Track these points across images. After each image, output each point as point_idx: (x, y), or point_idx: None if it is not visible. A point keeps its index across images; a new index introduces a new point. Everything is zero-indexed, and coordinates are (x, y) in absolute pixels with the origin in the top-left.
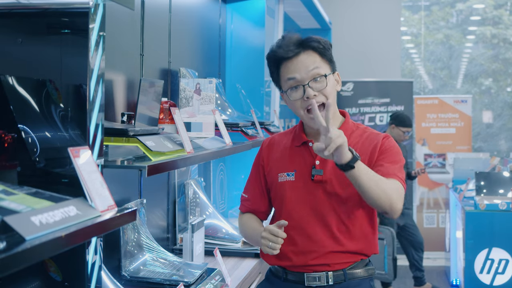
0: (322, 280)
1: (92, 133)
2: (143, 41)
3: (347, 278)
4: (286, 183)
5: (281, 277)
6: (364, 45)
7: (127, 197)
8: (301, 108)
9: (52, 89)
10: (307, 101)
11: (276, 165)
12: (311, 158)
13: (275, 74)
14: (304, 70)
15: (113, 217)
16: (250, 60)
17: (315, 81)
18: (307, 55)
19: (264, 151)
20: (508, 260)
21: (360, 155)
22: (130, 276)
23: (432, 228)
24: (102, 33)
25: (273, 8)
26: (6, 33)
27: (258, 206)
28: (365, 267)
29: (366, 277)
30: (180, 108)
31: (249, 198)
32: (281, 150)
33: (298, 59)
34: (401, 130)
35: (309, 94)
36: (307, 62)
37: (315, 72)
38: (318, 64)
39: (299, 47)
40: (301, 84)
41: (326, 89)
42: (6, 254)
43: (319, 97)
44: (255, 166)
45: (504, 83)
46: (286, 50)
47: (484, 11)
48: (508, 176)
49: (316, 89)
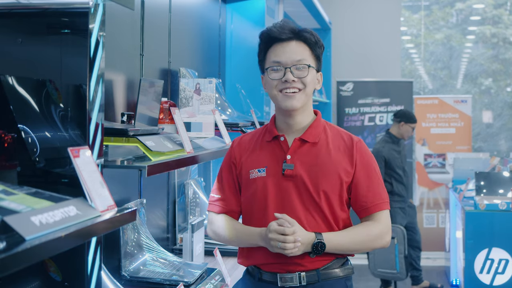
0: (295, 280)
1: (92, 133)
2: (143, 41)
3: (320, 279)
4: (258, 179)
5: (255, 277)
6: (364, 45)
7: (127, 197)
8: (275, 88)
9: (52, 89)
10: (284, 83)
11: (247, 162)
12: (282, 152)
13: (262, 53)
14: (289, 55)
15: (113, 217)
16: (250, 60)
17: (297, 68)
18: (297, 44)
19: (235, 149)
20: (508, 260)
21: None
22: (130, 276)
23: (432, 228)
24: (102, 33)
25: (273, 8)
26: (6, 33)
27: (232, 206)
28: (341, 266)
29: (342, 277)
30: (180, 108)
31: (223, 198)
32: (252, 147)
33: (288, 44)
34: (410, 127)
35: (288, 77)
36: (296, 49)
37: (300, 60)
38: (305, 55)
39: (293, 33)
40: (283, 67)
41: (306, 78)
42: (6, 254)
43: (297, 83)
44: (226, 166)
45: (504, 83)
46: (281, 31)
47: (484, 11)
48: (508, 176)
49: (296, 76)
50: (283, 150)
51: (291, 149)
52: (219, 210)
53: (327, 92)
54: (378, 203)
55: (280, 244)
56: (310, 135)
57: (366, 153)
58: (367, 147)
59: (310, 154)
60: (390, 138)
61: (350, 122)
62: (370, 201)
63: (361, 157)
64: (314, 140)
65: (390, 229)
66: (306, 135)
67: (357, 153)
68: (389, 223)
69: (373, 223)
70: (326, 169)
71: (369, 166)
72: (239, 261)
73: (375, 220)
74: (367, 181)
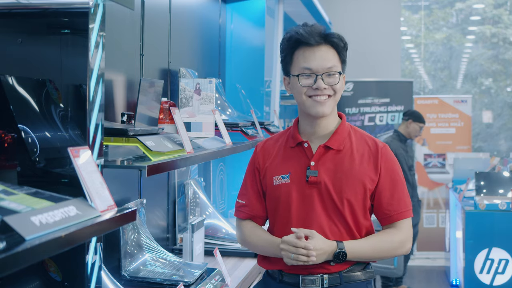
0: (317, 282)
1: (92, 133)
2: (143, 41)
3: (343, 281)
4: (281, 185)
5: (276, 279)
6: (364, 45)
7: (127, 197)
8: (305, 94)
9: (52, 89)
10: (315, 90)
11: (271, 168)
12: (306, 159)
13: (288, 57)
14: (320, 62)
15: (113, 217)
16: (250, 60)
17: (328, 75)
18: (326, 48)
19: (258, 154)
20: (508, 260)
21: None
22: (130, 276)
23: (432, 228)
24: (102, 33)
25: (273, 8)
26: (6, 33)
27: (257, 211)
28: (363, 270)
29: (363, 280)
30: (180, 108)
31: (247, 204)
32: (276, 152)
33: (318, 49)
34: (419, 126)
35: (319, 85)
36: (326, 55)
37: (331, 67)
38: (335, 61)
39: (322, 38)
40: (314, 74)
41: (337, 85)
42: (6, 254)
43: (328, 90)
44: (250, 171)
45: (504, 83)
46: (309, 36)
47: (484, 11)
48: (508, 176)
49: (327, 83)
50: (307, 156)
51: (315, 155)
52: (244, 216)
53: None
54: (402, 211)
55: (293, 255)
56: (335, 141)
57: (391, 159)
58: (392, 153)
59: (335, 161)
60: (398, 137)
61: (350, 122)
62: (394, 209)
63: (385, 163)
64: (339, 147)
65: (411, 236)
66: (331, 142)
67: (382, 159)
68: (411, 231)
69: (396, 231)
70: (350, 177)
71: (393, 172)
72: (260, 264)
73: (397, 228)
74: (392, 189)
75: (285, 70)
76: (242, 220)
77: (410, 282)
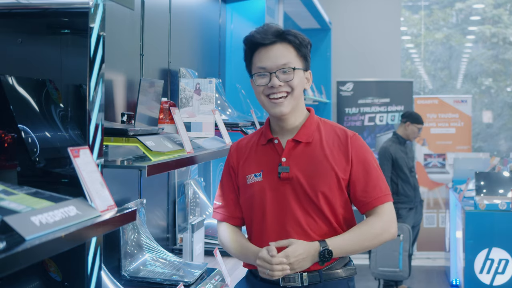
0: (297, 281)
1: (92, 133)
2: (143, 41)
3: (322, 279)
4: (255, 184)
5: (258, 277)
6: (364, 45)
7: (127, 197)
8: (262, 94)
9: (52, 89)
10: (271, 89)
11: (244, 167)
12: (277, 155)
13: (248, 58)
14: (274, 60)
15: (113, 217)
16: None
17: (283, 72)
18: (282, 46)
19: (233, 154)
20: (508, 260)
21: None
22: (130, 276)
23: (432, 228)
24: (102, 33)
25: (273, 8)
26: (6, 33)
27: (234, 212)
28: (344, 267)
29: (344, 278)
30: (180, 108)
31: (224, 205)
32: (248, 151)
33: (272, 48)
34: (417, 127)
35: (274, 83)
36: (280, 53)
37: (284, 63)
38: (290, 57)
39: (276, 37)
40: (268, 72)
41: (293, 81)
42: (6, 254)
43: (284, 87)
44: (226, 172)
45: (504, 83)
46: (263, 36)
47: (484, 11)
48: (508, 176)
49: (282, 80)
50: (278, 152)
51: (285, 151)
52: (220, 218)
53: (327, 92)
54: (378, 196)
55: (268, 272)
56: (303, 135)
57: (362, 146)
58: (363, 141)
59: (305, 155)
60: (397, 139)
61: (350, 122)
62: (369, 195)
63: (356, 151)
64: (308, 140)
65: (395, 220)
66: (299, 136)
67: (352, 148)
68: (393, 215)
69: (376, 218)
70: (322, 169)
71: (365, 160)
72: (244, 264)
73: (377, 214)
74: (365, 176)
75: (249, 73)
76: (220, 222)
77: (410, 282)
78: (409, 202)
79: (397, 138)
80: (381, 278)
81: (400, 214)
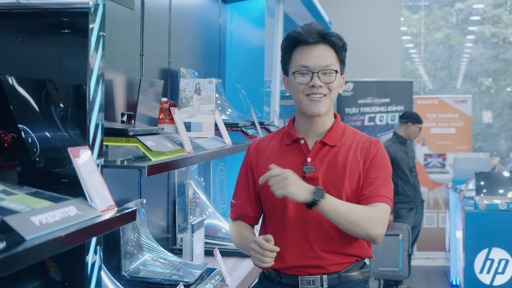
0: (316, 283)
1: (92, 133)
2: (143, 41)
3: (341, 281)
4: None
5: (274, 280)
6: (364, 45)
7: (127, 197)
8: (302, 92)
9: (52, 89)
10: (311, 88)
11: (266, 166)
12: (302, 155)
13: (287, 55)
14: (317, 60)
15: (113, 217)
16: (250, 60)
17: (324, 73)
18: (324, 47)
19: (252, 154)
20: (508, 260)
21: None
22: (130, 276)
23: (432, 228)
24: (102, 33)
25: (273, 8)
26: (6, 33)
27: (246, 211)
28: (360, 269)
29: (361, 280)
30: (180, 108)
31: (237, 204)
32: (270, 151)
33: (315, 47)
34: (418, 127)
35: (315, 83)
36: (323, 53)
37: (327, 65)
38: (332, 59)
39: (320, 37)
40: (310, 72)
41: (333, 84)
42: (6, 254)
43: (323, 88)
44: (243, 171)
45: (504, 83)
46: (308, 35)
47: (483, 11)
48: (508, 176)
49: (323, 81)
50: (303, 153)
51: (311, 151)
52: (233, 216)
53: None
54: (381, 195)
55: (259, 256)
56: (330, 138)
57: (382, 153)
58: (384, 149)
59: (330, 157)
60: (397, 139)
61: (350, 122)
62: (373, 192)
63: (377, 155)
64: (335, 143)
65: (386, 223)
66: (327, 138)
67: (374, 151)
68: (386, 218)
69: (373, 208)
70: (346, 171)
71: (382, 164)
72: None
73: (375, 207)
74: (376, 177)
75: (284, 69)
76: (233, 220)
77: (410, 282)
78: (409, 202)
79: (398, 139)
80: (381, 278)
81: (400, 214)
